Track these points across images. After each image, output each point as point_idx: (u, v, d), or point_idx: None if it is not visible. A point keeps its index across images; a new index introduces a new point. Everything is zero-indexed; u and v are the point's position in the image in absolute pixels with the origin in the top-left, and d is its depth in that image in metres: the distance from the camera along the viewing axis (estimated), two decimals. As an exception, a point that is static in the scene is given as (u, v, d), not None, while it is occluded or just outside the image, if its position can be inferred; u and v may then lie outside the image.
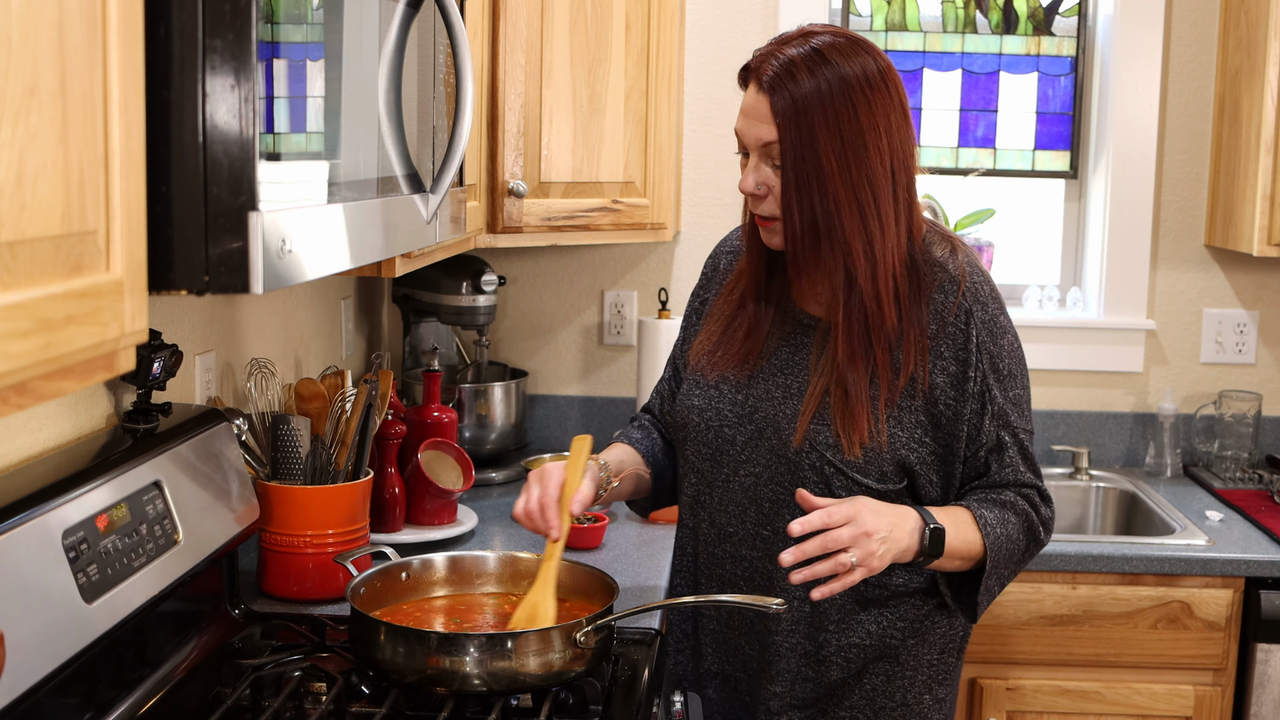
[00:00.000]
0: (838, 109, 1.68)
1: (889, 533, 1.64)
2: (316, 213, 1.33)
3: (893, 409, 1.75)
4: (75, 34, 0.95)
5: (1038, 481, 1.81)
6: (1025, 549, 1.80)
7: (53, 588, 1.43)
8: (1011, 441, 1.78)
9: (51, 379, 0.96)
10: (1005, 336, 1.78)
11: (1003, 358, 1.77)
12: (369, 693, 1.73)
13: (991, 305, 1.78)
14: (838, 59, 1.70)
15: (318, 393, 2.12)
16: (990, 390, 1.76)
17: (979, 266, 1.81)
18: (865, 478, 1.75)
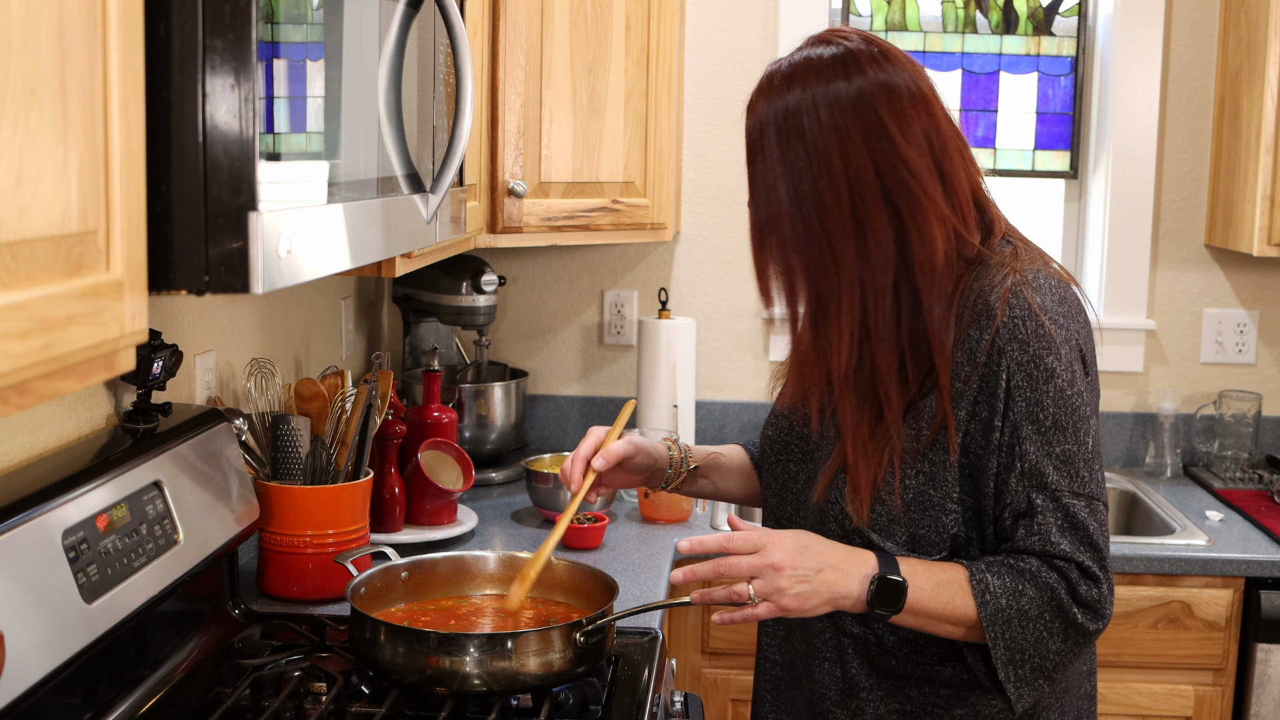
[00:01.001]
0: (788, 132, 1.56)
1: (814, 573, 1.50)
2: (316, 213, 1.33)
3: (920, 464, 1.55)
4: (75, 34, 0.95)
5: (1077, 554, 1.51)
6: (1057, 631, 1.52)
7: (53, 588, 1.43)
8: (1047, 505, 1.51)
9: (51, 379, 0.96)
10: (1052, 382, 1.51)
11: (1045, 406, 1.51)
12: (369, 693, 1.73)
13: (1035, 344, 1.51)
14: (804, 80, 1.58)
15: (318, 393, 2.12)
16: (1021, 444, 1.51)
17: (1026, 297, 1.53)
18: (889, 541, 1.56)
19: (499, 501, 2.80)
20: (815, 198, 1.54)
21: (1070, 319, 1.56)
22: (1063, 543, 1.51)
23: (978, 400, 1.53)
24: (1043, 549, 1.51)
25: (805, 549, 1.52)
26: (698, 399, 3.17)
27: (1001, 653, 1.51)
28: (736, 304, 3.23)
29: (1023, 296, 1.53)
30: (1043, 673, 1.53)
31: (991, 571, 1.52)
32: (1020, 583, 1.51)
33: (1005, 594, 1.51)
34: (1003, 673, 1.52)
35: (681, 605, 1.64)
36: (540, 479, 2.63)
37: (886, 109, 1.57)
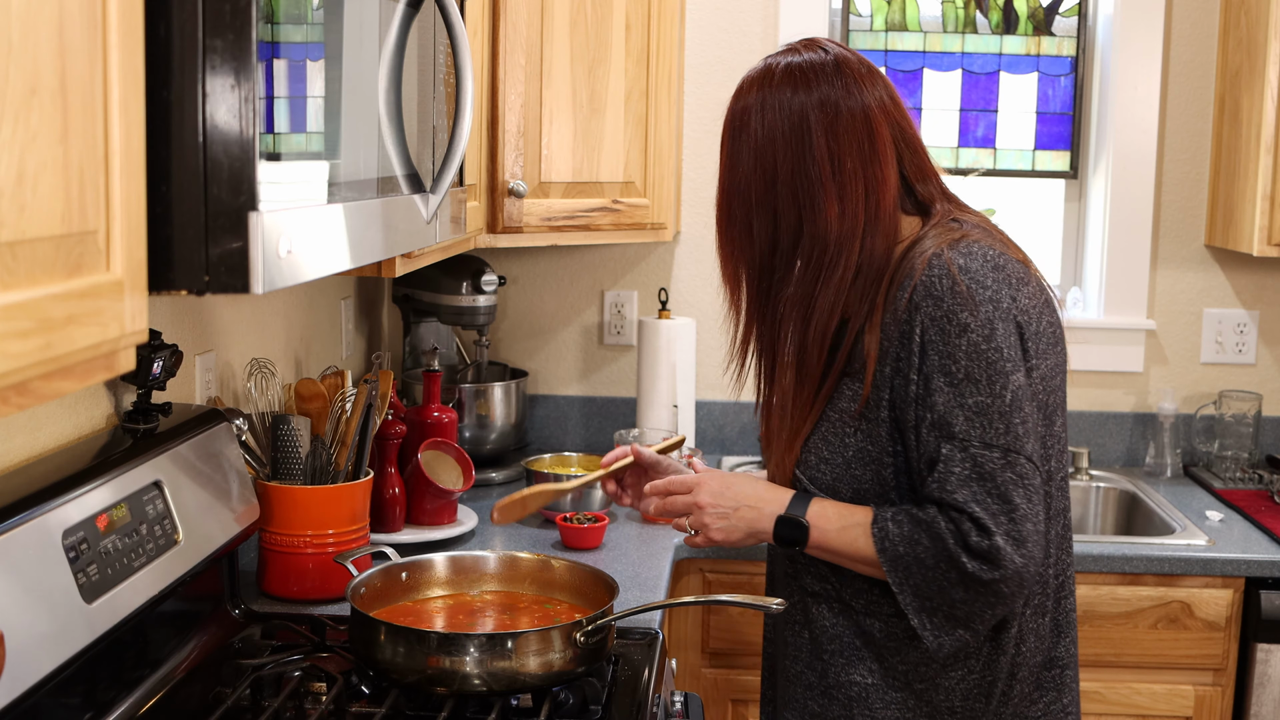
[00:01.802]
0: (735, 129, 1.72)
1: (733, 510, 1.74)
2: (316, 213, 1.33)
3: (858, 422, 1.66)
4: (75, 34, 0.95)
5: (969, 505, 1.57)
6: (955, 580, 1.58)
7: (53, 588, 1.43)
8: (953, 454, 1.58)
9: (51, 379, 0.96)
10: (965, 335, 1.58)
11: (957, 359, 1.58)
12: (369, 693, 1.73)
13: (949, 301, 1.58)
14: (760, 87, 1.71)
15: (318, 393, 2.12)
16: (931, 395, 1.59)
17: (949, 261, 1.61)
18: (834, 496, 1.69)
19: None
20: (744, 192, 1.70)
21: (1004, 286, 1.62)
22: (960, 492, 1.58)
23: (899, 356, 1.62)
24: (940, 497, 1.59)
25: (728, 488, 1.76)
26: (698, 399, 3.17)
27: (909, 599, 1.62)
28: (736, 304, 3.22)
29: (943, 259, 1.61)
30: (957, 621, 1.61)
31: (894, 520, 1.62)
32: (917, 531, 1.60)
33: (903, 541, 1.61)
34: (915, 619, 1.62)
35: (681, 605, 1.69)
36: (540, 479, 2.63)
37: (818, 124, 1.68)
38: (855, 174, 1.67)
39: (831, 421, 1.69)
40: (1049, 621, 1.72)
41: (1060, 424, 1.71)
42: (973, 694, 1.69)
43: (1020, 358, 1.62)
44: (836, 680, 1.72)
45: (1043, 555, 1.62)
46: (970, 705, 1.69)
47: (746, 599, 1.75)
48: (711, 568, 2.63)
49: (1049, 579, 1.71)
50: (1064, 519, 1.72)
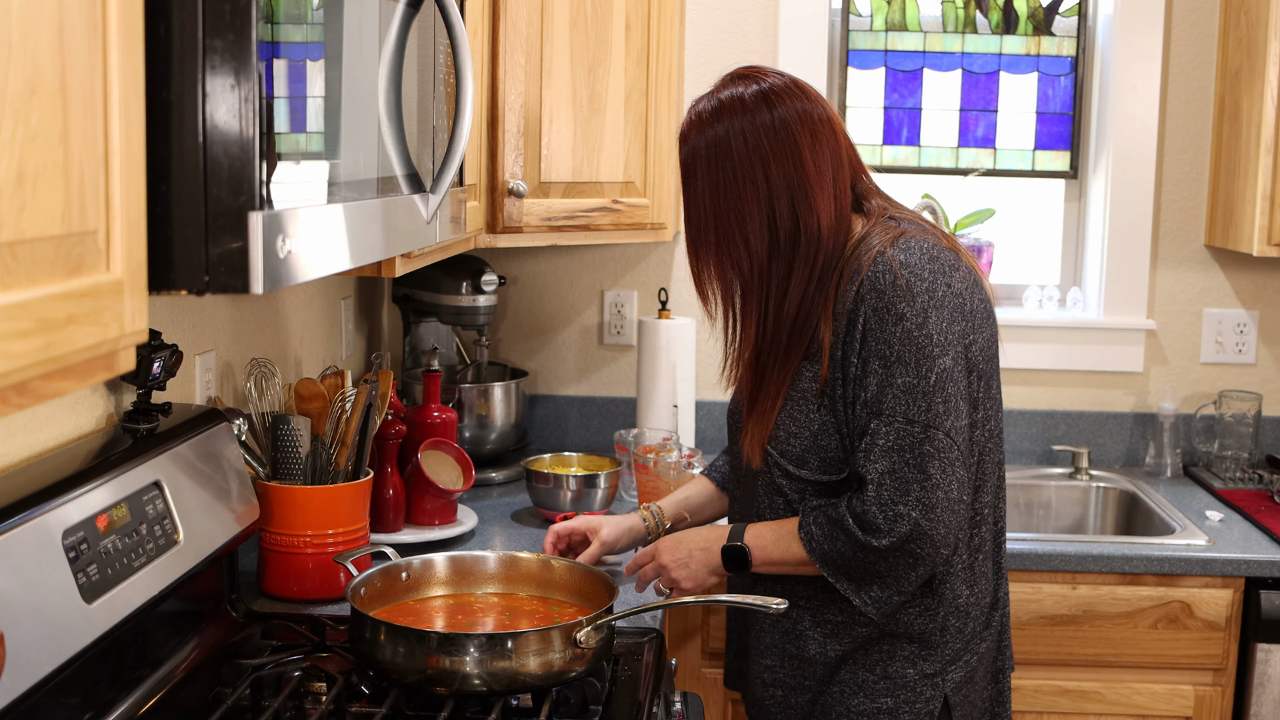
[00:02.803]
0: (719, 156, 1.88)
1: (688, 558, 1.97)
2: (316, 213, 1.33)
3: (819, 400, 1.85)
4: (75, 34, 0.95)
5: (883, 479, 1.77)
6: (870, 558, 1.79)
7: (53, 588, 1.43)
8: (880, 428, 1.78)
9: (51, 379, 0.96)
10: (900, 324, 1.78)
11: (891, 344, 1.78)
12: (369, 693, 1.73)
13: (890, 293, 1.78)
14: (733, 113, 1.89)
15: (318, 393, 2.12)
16: (867, 376, 1.79)
17: (891, 257, 1.80)
18: (803, 469, 1.87)
19: (499, 501, 2.80)
20: (739, 209, 1.87)
21: (938, 276, 1.81)
22: (879, 463, 1.78)
23: (846, 342, 1.82)
24: (859, 470, 1.80)
25: (679, 543, 2.00)
26: (698, 399, 3.17)
27: (845, 585, 1.83)
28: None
29: (887, 257, 1.81)
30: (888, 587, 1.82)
31: (815, 524, 1.83)
32: (833, 528, 1.81)
33: (825, 539, 1.82)
34: (855, 599, 1.84)
35: (681, 605, 1.73)
36: (540, 479, 2.63)
37: (802, 132, 1.87)
38: (831, 177, 1.88)
39: (795, 401, 1.87)
40: (991, 564, 1.93)
41: (996, 387, 1.92)
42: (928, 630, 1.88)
43: (951, 341, 1.80)
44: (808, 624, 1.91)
45: (956, 519, 1.80)
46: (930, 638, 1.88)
47: (747, 599, 1.75)
48: (711, 568, 2.63)
49: (989, 525, 1.92)
50: (999, 470, 1.94)
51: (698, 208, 1.91)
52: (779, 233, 1.86)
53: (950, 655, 1.89)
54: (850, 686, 1.89)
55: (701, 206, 1.90)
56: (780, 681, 1.93)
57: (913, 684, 1.88)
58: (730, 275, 1.92)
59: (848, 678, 1.89)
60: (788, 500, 1.90)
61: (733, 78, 1.95)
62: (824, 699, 1.91)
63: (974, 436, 1.85)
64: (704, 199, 1.90)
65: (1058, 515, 3.11)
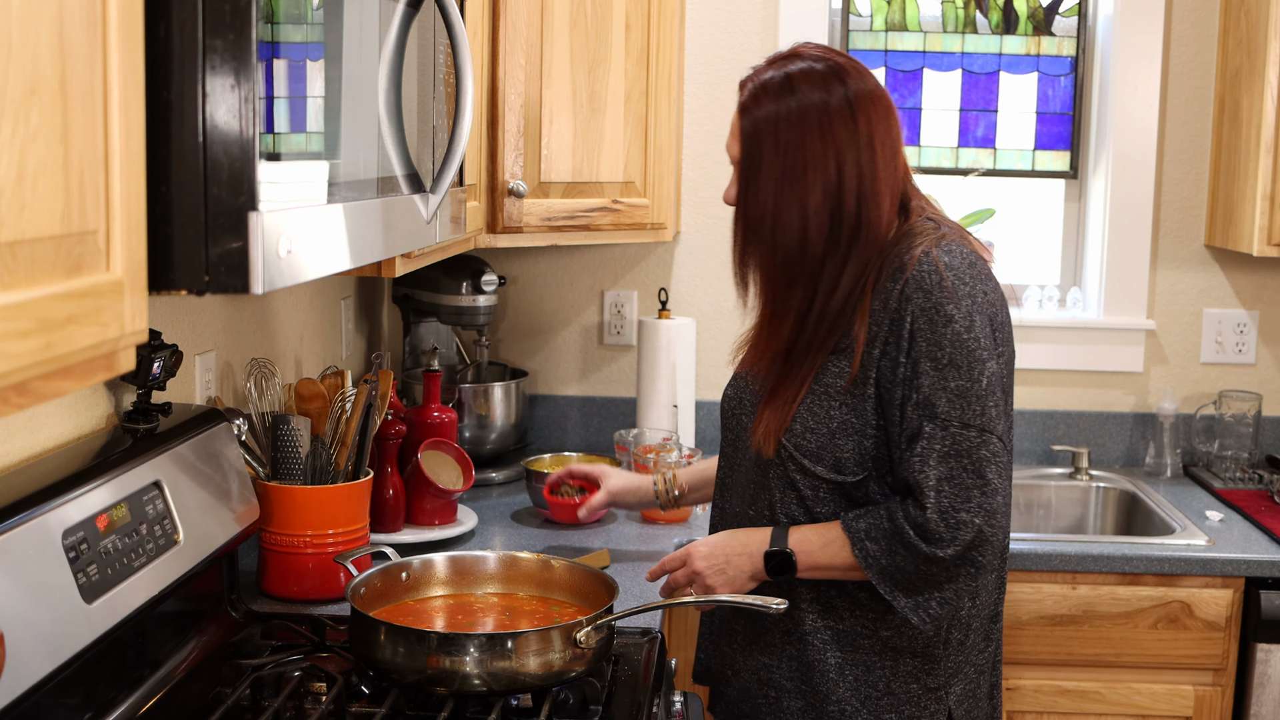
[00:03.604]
0: (787, 136, 1.78)
1: (726, 564, 1.86)
2: (316, 213, 1.33)
3: (844, 397, 1.79)
4: (75, 34, 0.95)
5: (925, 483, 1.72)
6: (936, 572, 1.75)
7: (53, 588, 1.43)
8: (935, 432, 1.72)
9: (51, 379, 0.96)
10: (950, 326, 1.73)
11: (942, 346, 1.73)
12: (369, 693, 1.73)
13: (937, 294, 1.73)
14: (803, 87, 1.78)
15: (318, 393, 2.12)
16: (919, 377, 1.73)
17: (937, 258, 1.76)
18: (819, 465, 1.81)
19: (499, 501, 2.80)
20: (802, 198, 1.78)
21: (978, 282, 1.78)
22: (937, 469, 1.72)
23: (888, 340, 1.76)
24: (913, 477, 1.74)
25: (714, 549, 1.88)
26: (697, 399, 3.17)
27: (901, 601, 1.77)
28: (736, 304, 3.21)
29: (931, 257, 1.76)
30: (945, 602, 1.78)
31: (870, 538, 1.76)
32: (893, 544, 1.75)
33: (883, 555, 1.76)
34: (913, 617, 1.78)
35: (681, 605, 1.71)
36: (540, 479, 2.63)
37: (876, 119, 1.80)
38: (893, 169, 1.82)
39: (817, 395, 1.81)
40: (995, 578, 1.89)
41: (1010, 403, 1.87)
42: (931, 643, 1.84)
43: (992, 346, 1.77)
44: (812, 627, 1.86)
45: (1008, 524, 1.79)
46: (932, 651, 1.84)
47: (747, 599, 1.75)
48: (711, 568, 2.62)
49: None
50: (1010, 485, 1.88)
51: (757, 192, 1.81)
52: (841, 226, 1.79)
53: (951, 668, 1.85)
54: (853, 703, 1.83)
55: (762, 192, 1.80)
56: (775, 682, 1.88)
57: (917, 698, 1.83)
58: (779, 266, 1.82)
59: (848, 694, 1.83)
60: (801, 496, 1.84)
61: (795, 54, 1.84)
62: (823, 712, 1.85)
63: None
64: (766, 185, 1.80)
65: (1058, 515, 3.11)
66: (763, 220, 1.81)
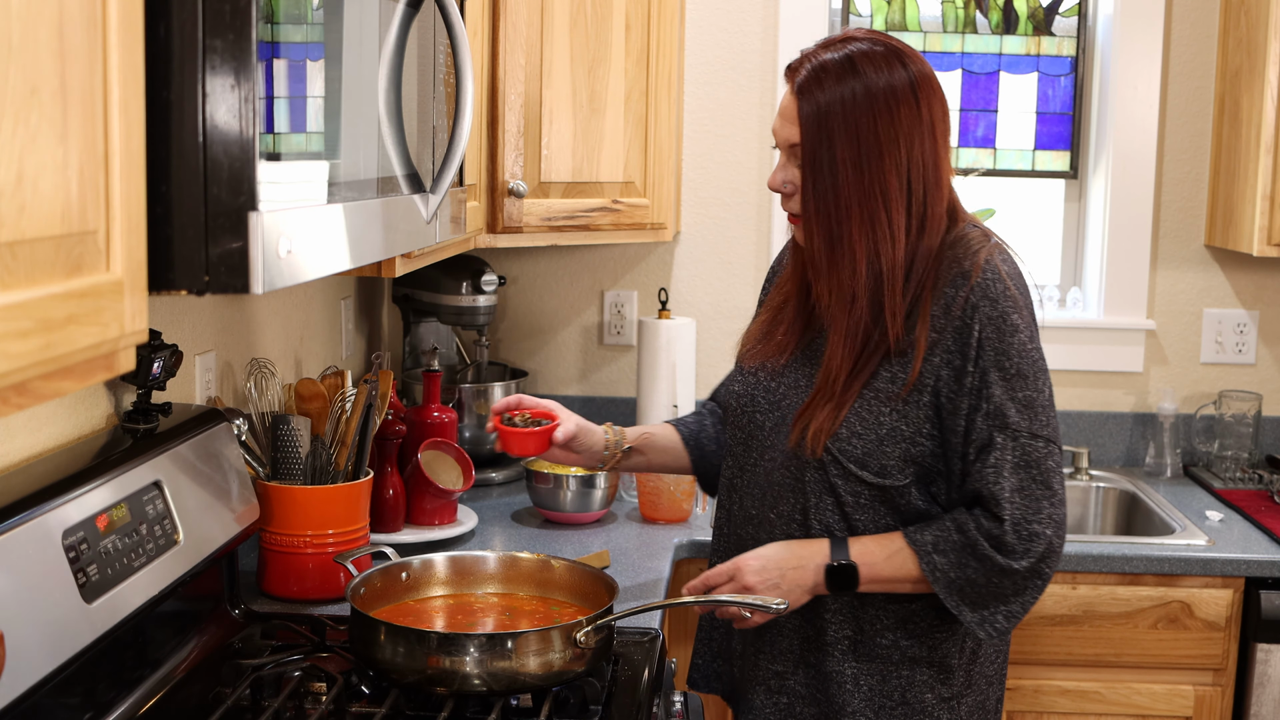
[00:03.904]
0: (858, 119, 1.73)
1: (779, 579, 1.78)
2: (316, 213, 1.33)
3: (895, 404, 1.75)
4: (75, 34, 0.95)
5: (1000, 495, 1.71)
6: (1008, 584, 1.73)
7: (53, 588, 1.43)
8: (1007, 444, 1.71)
9: (51, 379, 0.96)
10: (1016, 335, 1.72)
11: (1010, 356, 1.72)
12: (369, 693, 1.73)
13: (1003, 303, 1.72)
14: (868, 69, 1.74)
15: (318, 393, 2.12)
16: (989, 387, 1.71)
17: (997, 265, 1.75)
18: (864, 470, 1.76)
19: (499, 501, 2.79)
20: (883, 184, 1.74)
21: (1025, 292, 1.78)
22: (1009, 480, 1.71)
23: (951, 349, 1.73)
24: (986, 489, 1.71)
25: (767, 562, 1.79)
26: (698, 399, 3.17)
27: (967, 614, 1.75)
28: (736, 304, 3.23)
29: (994, 264, 1.75)
30: (1012, 615, 1.76)
31: (938, 552, 1.74)
32: (963, 556, 1.73)
33: (952, 568, 1.73)
34: (980, 631, 1.76)
35: (681, 605, 1.70)
36: (540, 479, 2.63)
37: (936, 104, 1.79)
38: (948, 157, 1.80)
39: (866, 400, 1.76)
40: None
41: None
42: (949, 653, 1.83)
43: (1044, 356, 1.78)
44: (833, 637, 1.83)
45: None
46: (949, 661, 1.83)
47: (747, 599, 1.75)
48: (711, 568, 2.63)
49: None
50: None
51: (836, 179, 1.74)
52: (912, 216, 1.75)
53: (964, 679, 1.84)
54: (867, 713, 1.81)
55: (841, 178, 1.74)
56: (790, 689, 1.85)
57: (931, 709, 1.82)
58: (868, 260, 1.75)
59: (863, 704, 1.81)
60: (839, 500, 1.78)
61: (845, 38, 1.79)
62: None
63: None
64: (843, 171, 1.74)
65: (1058, 515, 3.10)
66: (849, 207, 1.74)
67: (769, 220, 3.19)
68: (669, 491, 2.65)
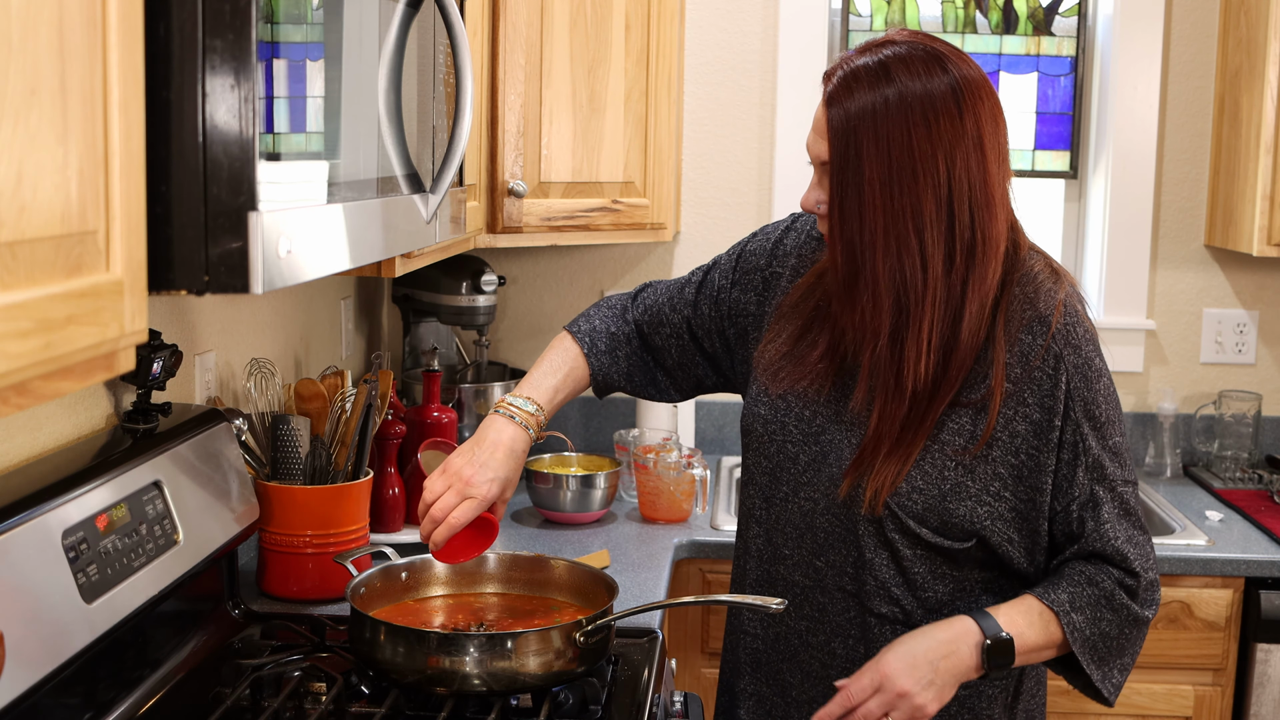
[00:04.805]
0: (890, 131, 1.55)
1: (932, 675, 1.59)
2: (316, 213, 1.33)
3: (963, 458, 1.62)
4: (75, 34, 0.95)
5: (1126, 549, 1.62)
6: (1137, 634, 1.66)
7: (53, 588, 1.43)
8: (1109, 496, 1.62)
9: (51, 379, 0.96)
10: (1101, 380, 1.63)
11: (1099, 404, 1.62)
12: (369, 693, 1.73)
13: (1086, 348, 1.62)
14: (903, 75, 1.56)
15: (318, 393, 2.12)
16: (1085, 440, 1.61)
17: (1074, 306, 1.65)
18: (923, 527, 1.63)
19: (499, 501, 2.79)
20: (916, 209, 1.56)
21: (1095, 330, 1.68)
22: (1119, 534, 1.62)
23: (1030, 402, 1.61)
24: (1103, 549, 1.62)
25: (915, 660, 1.60)
26: (697, 399, 3.17)
27: (1095, 669, 1.64)
28: (736, 304, 3.22)
29: (1072, 305, 1.64)
30: (1127, 667, 1.69)
31: (1075, 609, 1.62)
32: (1098, 610, 1.63)
33: (1088, 624, 1.63)
34: (1104, 689, 1.66)
35: (681, 605, 1.69)
36: (540, 479, 2.63)
37: (985, 116, 1.58)
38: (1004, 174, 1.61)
39: (931, 453, 1.62)
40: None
41: None
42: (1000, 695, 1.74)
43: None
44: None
45: None
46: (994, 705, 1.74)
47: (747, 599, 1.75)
48: (711, 568, 2.63)
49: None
50: None
51: (860, 197, 1.56)
52: (956, 243, 1.56)
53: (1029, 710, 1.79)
54: None
55: (868, 197, 1.56)
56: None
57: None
58: (896, 291, 1.58)
59: None
60: (895, 555, 1.65)
61: (884, 40, 1.62)
62: None
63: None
64: (871, 190, 1.56)
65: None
66: (874, 233, 1.57)
67: (769, 220, 3.19)
68: (669, 492, 2.65)
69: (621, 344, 1.91)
